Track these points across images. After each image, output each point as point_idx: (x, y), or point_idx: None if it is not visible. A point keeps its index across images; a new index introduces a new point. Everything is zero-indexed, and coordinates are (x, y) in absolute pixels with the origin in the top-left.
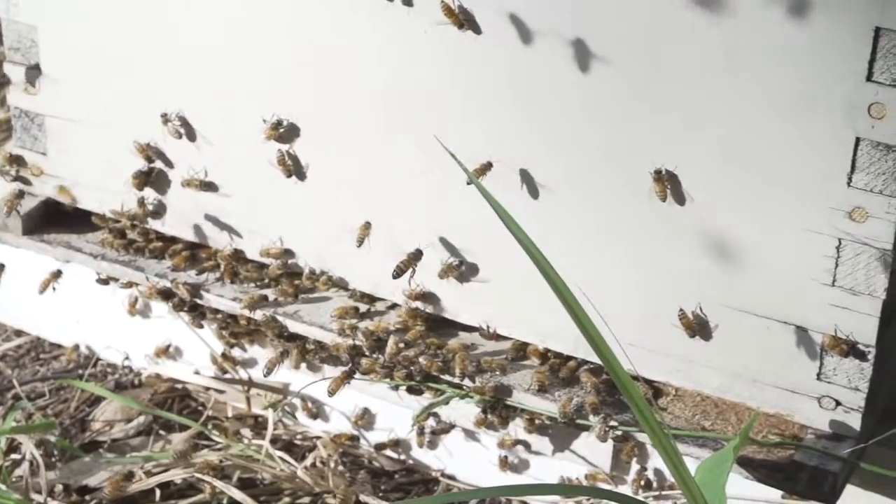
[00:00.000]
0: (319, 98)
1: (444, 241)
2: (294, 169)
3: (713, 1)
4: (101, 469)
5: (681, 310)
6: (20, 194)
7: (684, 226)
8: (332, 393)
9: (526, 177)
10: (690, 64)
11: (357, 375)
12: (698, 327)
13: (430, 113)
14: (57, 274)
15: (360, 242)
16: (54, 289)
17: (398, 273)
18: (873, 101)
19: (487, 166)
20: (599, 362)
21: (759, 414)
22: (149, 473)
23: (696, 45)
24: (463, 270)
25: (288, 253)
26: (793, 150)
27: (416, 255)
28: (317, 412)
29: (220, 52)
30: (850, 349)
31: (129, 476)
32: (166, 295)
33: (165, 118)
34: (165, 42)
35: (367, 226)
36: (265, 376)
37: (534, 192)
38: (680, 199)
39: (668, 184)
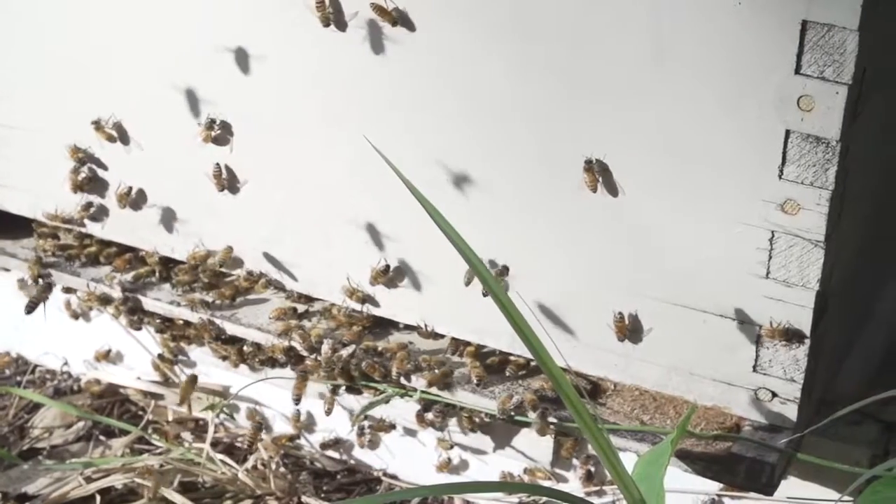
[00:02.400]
0: (250, 99)
1: (379, 241)
2: (227, 184)
3: None
4: (40, 476)
5: (619, 313)
6: None
7: (618, 219)
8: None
9: (457, 173)
10: (621, 57)
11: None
12: (630, 332)
13: (360, 110)
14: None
15: (220, 264)
16: None
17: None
18: (802, 94)
19: (504, 271)
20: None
21: (696, 407)
22: (89, 479)
23: (626, 38)
24: (391, 275)
25: (210, 254)
26: (724, 142)
27: (503, 272)
28: (262, 421)
29: (152, 55)
30: (790, 336)
31: None
32: (105, 301)
33: (97, 125)
34: (96, 46)
35: (229, 250)
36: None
37: (465, 188)
38: (612, 191)
39: (599, 175)
